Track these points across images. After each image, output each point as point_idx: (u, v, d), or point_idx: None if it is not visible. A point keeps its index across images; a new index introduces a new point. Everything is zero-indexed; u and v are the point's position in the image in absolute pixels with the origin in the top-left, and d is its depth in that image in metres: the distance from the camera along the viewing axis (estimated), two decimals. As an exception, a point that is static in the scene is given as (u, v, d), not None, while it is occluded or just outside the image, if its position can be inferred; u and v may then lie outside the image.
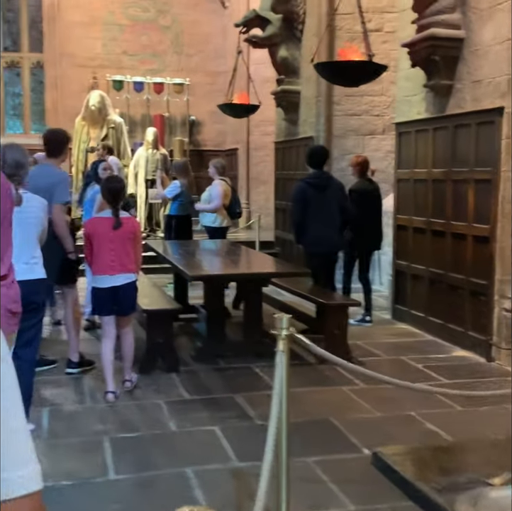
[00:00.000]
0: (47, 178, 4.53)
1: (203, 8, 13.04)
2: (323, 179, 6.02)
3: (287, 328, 2.52)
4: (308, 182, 5.98)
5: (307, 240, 5.92)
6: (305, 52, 8.99)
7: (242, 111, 9.15)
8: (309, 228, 5.79)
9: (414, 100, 6.31)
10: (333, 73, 5.47)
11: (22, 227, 3.38)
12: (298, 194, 5.90)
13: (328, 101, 8.53)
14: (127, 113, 12.30)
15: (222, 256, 6.31)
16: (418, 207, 6.27)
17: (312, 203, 5.80)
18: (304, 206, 5.81)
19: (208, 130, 13.41)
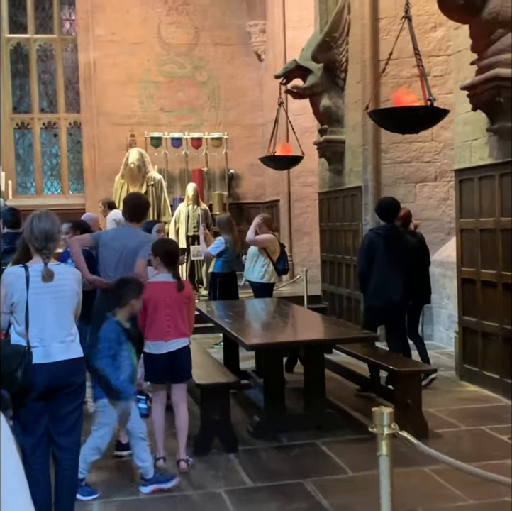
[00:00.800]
0: (136, 238, 4.62)
1: (239, 62, 12.96)
2: (393, 232, 5.80)
3: (389, 426, 2.08)
4: (377, 232, 5.87)
5: (368, 292, 5.81)
6: (349, 100, 8.72)
7: (285, 163, 8.85)
8: (372, 279, 5.69)
9: (475, 145, 5.91)
10: (391, 120, 5.11)
11: (55, 303, 3.15)
12: (366, 243, 5.82)
13: (376, 150, 8.19)
14: (165, 169, 12.14)
15: (275, 318, 5.89)
16: (486, 259, 5.80)
17: (378, 254, 5.68)
18: (370, 256, 5.70)
19: (247, 183, 13.17)
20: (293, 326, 5.49)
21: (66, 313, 3.21)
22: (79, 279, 3.33)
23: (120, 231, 5.00)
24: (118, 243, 4.61)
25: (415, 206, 8.15)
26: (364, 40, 8.18)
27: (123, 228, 5.05)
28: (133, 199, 5.03)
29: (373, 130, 8.13)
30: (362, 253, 5.83)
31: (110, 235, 4.82)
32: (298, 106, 11.45)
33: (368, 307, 5.90)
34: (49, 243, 3.15)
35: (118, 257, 4.59)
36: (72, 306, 3.25)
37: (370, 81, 8.13)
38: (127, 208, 4.95)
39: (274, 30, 12.08)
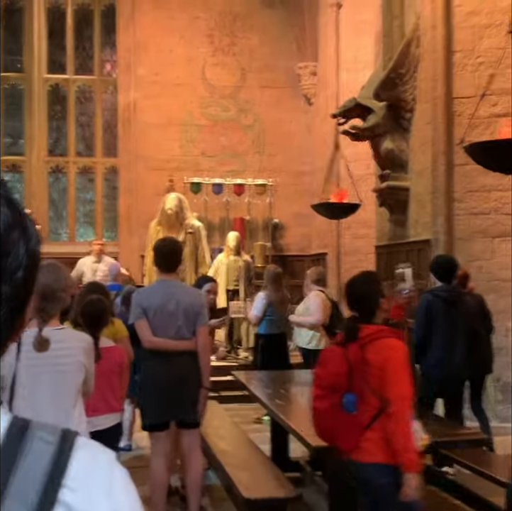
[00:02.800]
0: (190, 297, 4.08)
1: (287, 105, 12.16)
2: (454, 294, 5.19)
3: None
4: (436, 294, 5.20)
5: (427, 362, 5.17)
6: (416, 143, 7.74)
7: (341, 212, 7.91)
8: (431, 347, 5.12)
9: None
10: (493, 156, 4.09)
11: (52, 379, 2.65)
12: (424, 307, 5.18)
13: (448, 198, 7.14)
14: (205, 217, 11.25)
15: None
16: None
17: (438, 319, 5.10)
18: (429, 322, 5.11)
19: (291, 234, 12.20)
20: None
21: (66, 392, 2.68)
22: (87, 349, 2.82)
23: (166, 287, 4.10)
24: (174, 300, 4.00)
25: (492, 264, 7.05)
26: (436, 75, 7.24)
27: (170, 284, 4.14)
28: (170, 245, 4.10)
29: (444, 176, 7.12)
30: (419, 319, 5.20)
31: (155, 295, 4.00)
32: (351, 151, 10.58)
33: (427, 379, 5.22)
34: (48, 302, 2.59)
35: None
36: (76, 383, 2.73)
37: (442, 121, 7.16)
38: (163, 256, 4.03)
39: (326, 71, 11.29)
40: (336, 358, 2.87)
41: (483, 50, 7.09)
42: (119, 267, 6.45)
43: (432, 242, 7.25)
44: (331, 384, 2.89)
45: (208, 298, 4.91)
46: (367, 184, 9.53)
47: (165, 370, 3.96)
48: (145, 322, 3.97)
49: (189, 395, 3.98)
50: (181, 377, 3.97)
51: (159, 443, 3.97)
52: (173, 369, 3.96)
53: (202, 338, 4.04)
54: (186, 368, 4.01)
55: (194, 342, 4.02)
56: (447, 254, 6.35)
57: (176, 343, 3.98)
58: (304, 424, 3.73)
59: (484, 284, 7.03)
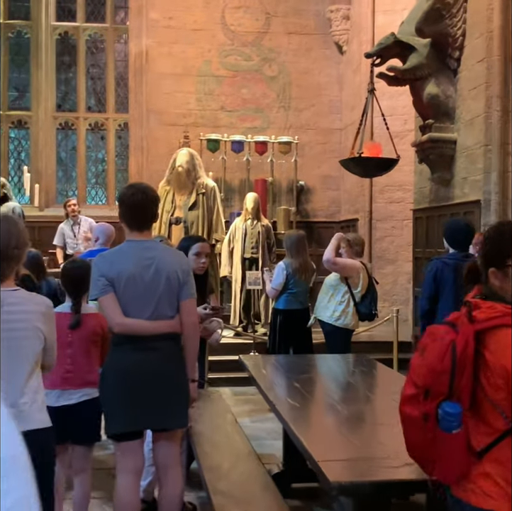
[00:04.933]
0: (173, 262, 3.09)
1: (316, 54, 10.93)
2: (463, 262, 4.34)
3: None
4: (445, 261, 4.72)
5: None
6: (465, 86, 6.54)
7: (376, 168, 6.77)
8: (438, 318, 4.51)
9: None
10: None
11: (3, 345, 2.32)
12: (431, 275, 4.72)
13: (503, 152, 5.98)
14: (223, 178, 10.19)
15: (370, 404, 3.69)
16: None
17: (446, 288, 4.63)
18: (436, 291, 4.67)
19: (318, 198, 11.07)
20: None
21: (20, 361, 2.44)
22: (46, 314, 2.56)
23: (139, 250, 3.07)
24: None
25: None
26: (491, 4, 6.02)
27: (140, 244, 3.10)
28: (139, 192, 3.05)
29: (500, 125, 5.95)
30: (425, 287, 4.78)
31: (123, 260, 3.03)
32: (385, 106, 9.40)
33: None
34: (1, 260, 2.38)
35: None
36: (32, 351, 2.49)
37: (498, 58, 5.96)
38: (132, 206, 3.01)
39: (361, 15, 10.03)
40: (439, 345, 1.78)
41: (552, -31, 5.85)
42: (111, 227, 5.45)
43: (482, 204, 6.12)
44: (426, 383, 1.79)
45: (199, 263, 3.89)
46: (404, 142, 8.37)
47: (140, 361, 2.97)
48: (112, 297, 2.98)
49: (173, 394, 3.00)
50: (161, 371, 2.99)
51: (128, 456, 3.00)
52: (151, 360, 2.97)
53: (188, 316, 3.05)
54: (169, 358, 3.03)
55: (179, 322, 3.02)
56: (461, 218, 5.74)
57: (156, 325, 2.99)
58: (324, 441, 2.70)
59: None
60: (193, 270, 3.88)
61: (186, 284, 3.02)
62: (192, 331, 3.04)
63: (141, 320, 2.97)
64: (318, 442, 2.60)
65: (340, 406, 3.13)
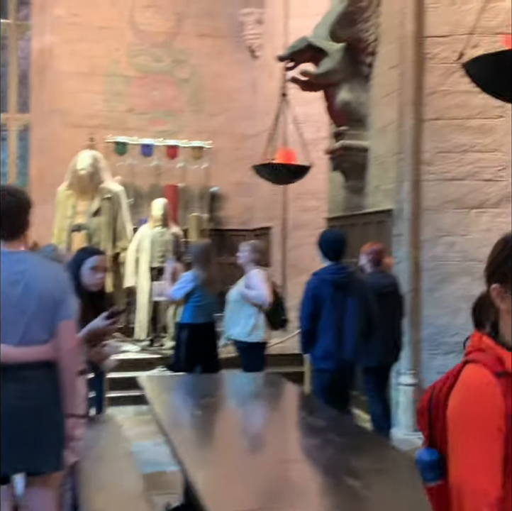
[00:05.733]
0: (47, 277, 2.67)
1: (229, 58, 10.67)
2: (343, 275, 4.57)
3: None
4: (322, 277, 4.54)
5: (316, 353, 4.57)
6: (378, 92, 6.41)
7: (288, 175, 6.53)
8: (320, 336, 4.50)
9: None
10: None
11: None
12: (310, 292, 4.53)
13: (416, 160, 5.85)
14: (131, 183, 9.72)
15: (280, 430, 3.37)
16: None
17: (325, 305, 4.48)
18: (316, 308, 4.49)
19: (232, 205, 10.79)
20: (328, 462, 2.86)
21: None
22: None
23: (7, 262, 2.64)
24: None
25: (467, 241, 5.82)
26: (404, 9, 5.89)
27: (8, 256, 2.65)
28: (8, 195, 2.66)
29: (412, 133, 5.83)
30: (305, 305, 4.55)
31: None
32: (299, 112, 9.24)
33: (320, 372, 4.62)
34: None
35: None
36: None
37: (411, 65, 5.84)
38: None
39: (274, 19, 9.84)
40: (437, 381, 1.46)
41: (463, -23, 5.77)
42: None
43: (394, 213, 5.98)
44: (418, 423, 1.47)
45: (94, 279, 3.48)
46: (318, 149, 8.19)
47: (6, 394, 2.54)
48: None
49: (45, 432, 2.59)
50: (31, 405, 2.57)
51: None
52: (19, 393, 2.55)
53: (63, 340, 2.63)
54: (41, 390, 2.61)
55: (52, 348, 2.62)
56: (332, 230, 5.77)
57: (24, 352, 2.57)
58: (220, 485, 2.35)
59: (456, 265, 5.81)
60: (88, 286, 3.49)
61: (62, 304, 2.62)
62: (68, 358, 2.64)
63: (6, 346, 2.54)
64: (212, 486, 2.26)
65: (243, 439, 2.80)
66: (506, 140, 5.77)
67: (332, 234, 4.98)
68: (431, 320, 5.80)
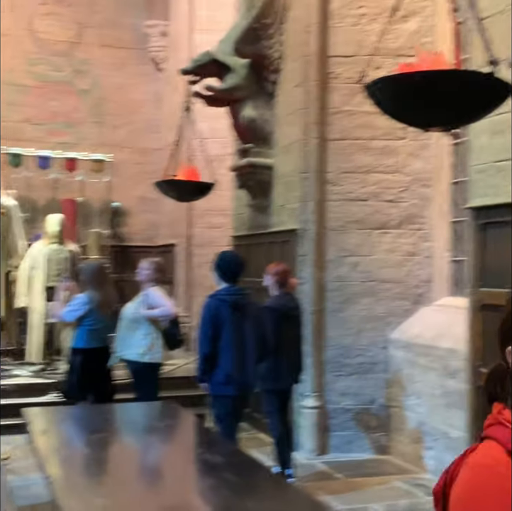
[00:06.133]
0: None
1: (133, 69, 10.38)
2: (240, 297, 4.50)
3: None
4: (221, 299, 4.44)
5: (216, 378, 4.39)
6: (282, 111, 6.34)
7: (191, 192, 6.34)
8: (221, 360, 4.38)
9: (503, 174, 3.62)
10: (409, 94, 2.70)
11: None
12: (209, 314, 4.38)
13: (320, 180, 5.80)
14: (27, 197, 9.21)
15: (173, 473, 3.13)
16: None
17: (225, 327, 4.37)
18: (216, 330, 4.35)
19: (135, 221, 10.46)
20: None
21: None
22: None
23: None
24: None
25: (370, 261, 5.82)
26: (308, 27, 5.86)
27: None
28: None
29: (316, 153, 5.78)
30: (204, 328, 4.40)
31: None
32: (206, 127, 9.10)
33: (221, 398, 4.44)
34: None
35: None
36: None
37: (315, 84, 5.80)
38: None
39: (179, 32, 9.65)
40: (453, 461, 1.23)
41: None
42: None
43: (299, 233, 5.90)
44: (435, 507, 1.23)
45: None
46: (224, 166, 8.06)
47: None
48: None
49: None
50: None
51: None
52: None
53: None
54: None
55: None
56: (230, 251, 5.71)
57: None
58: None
59: (359, 285, 5.80)
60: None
61: None
62: None
63: None
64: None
65: (133, 481, 2.56)
66: (408, 162, 5.83)
67: (229, 255, 4.87)
68: (335, 341, 5.74)
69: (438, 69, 2.67)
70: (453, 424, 4.82)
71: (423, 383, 5.29)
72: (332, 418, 5.74)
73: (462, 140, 5.31)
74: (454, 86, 2.60)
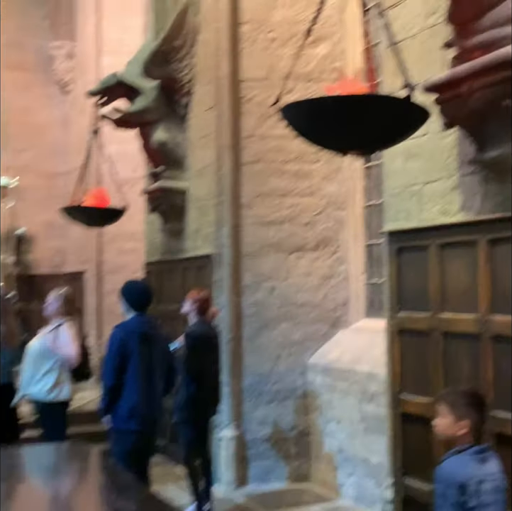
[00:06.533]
0: None
1: (38, 92, 10.02)
2: (148, 327, 4.31)
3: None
4: (129, 329, 4.24)
5: (121, 413, 4.15)
6: (195, 134, 6.23)
7: (99, 217, 6.10)
8: (124, 394, 4.16)
9: (416, 198, 3.63)
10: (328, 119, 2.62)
11: None
12: (116, 344, 4.19)
13: (234, 204, 5.70)
14: None
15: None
16: (452, 380, 3.42)
17: (132, 358, 4.18)
18: (121, 362, 4.15)
19: (42, 248, 10.03)
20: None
21: None
22: None
23: None
24: None
25: (286, 285, 5.75)
26: (219, 50, 5.79)
27: None
28: None
29: (230, 177, 5.68)
30: (111, 359, 4.21)
31: None
32: (116, 150, 8.87)
33: (126, 434, 4.18)
34: None
35: None
36: None
37: (228, 107, 5.72)
38: None
39: (86, 54, 9.39)
40: None
41: (277, 22, 5.81)
42: None
43: (214, 258, 5.76)
44: None
45: None
46: (136, 189, 7.86)
47: None
48: None
49: None
50: None
51: None
52: None
53: None
54: None
55: None
56: (137, 280, 5.60)
57: None
58: None
59: (276, 310, 5.72)
60: None
61: None
62: None
63: None
64: None
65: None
66: (322, 185, 5.83)
67: (137, 284, 4.69)
68: (252, 368, 5.62)
69: (353, 93, 2.62)
70: (373, 450, 4.78)
71: (341, 408, 5.23)
72: (251, 448, 5.59)
73: (375, 163, 5.36)
74: (370, 111, 2.55)
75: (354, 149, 2.83)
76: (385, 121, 2.58)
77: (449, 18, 3.09)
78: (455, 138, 3.35)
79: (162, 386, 4.36)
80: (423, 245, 3.57)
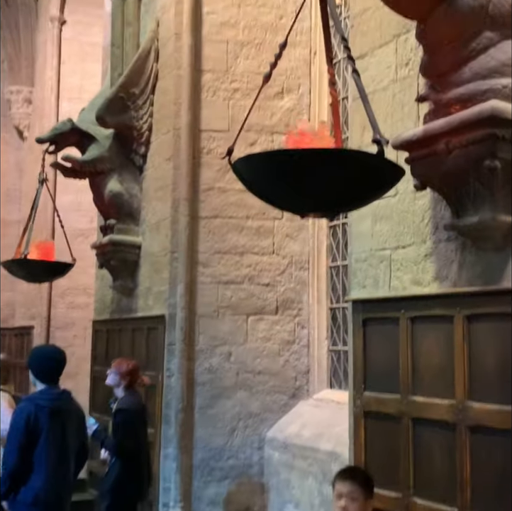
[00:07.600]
0: None
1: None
2: (61, 400, 3.84)
3: None
4: (38, 403, 3.76)
5: (22, 497, 3.68)
6: (151, 185, 5.86)
7: (44, 272, 5.66)
8: (32, 476, 3.69)
9: (385, 264, 3.28)
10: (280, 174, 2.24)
11: None
12: (23, 421, 3.69)
13: (190, 260, 5.30)
14: None
15: None
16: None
17: (42, 436, 3.71)
18: (29, 441, 3.68)
19: (-10, 300, 9.49)
20: None
21: None
22: None
23: None
24: None
25: (244, 351, 5.32)
26: (179, 99, 5.47)
27: None
28: None
29: (187, 232, 5.30)
30: (15, 437, 3.70)
31: None
32: (70, 200, 8.53)
33: None
34: None
35: None
36: None
37: (186, 159, 5.37)
38: None
39: (44, 100, 9.10)
40: None
41: (240, 73, 5.54)
42: None
43: (167, 319, 5.32)
44: None
45: None
46: (90, 241, 7.45)
47: None
48: None
49: None
50: None
51: None
52: None
53: None
54: None
55: None
56: (48, 345, 5.29)
57: None
58: None
59: (232, 377, 5.27)
60: None
61: None
62: None
63: None
64: None
65: None
66: (285, 243, 5.48)
67: (46, 351, 4.19)
68: (204, 442, 5.14)
69: (315, 148, 2.25)
70: (335, 539, 4.29)
71: (300, 490, 4.75)
72: (200, 531, 5.07)
73: (341, 222, 5.04)
74: (335, 167, 2.19)
75: (314, 211, 2.46)
76: (352, 179, 2.22)
77: (423, 69, 2.79)
78: (429, 200, 3.02)
79: (75, 469, 3.90)
80: (393, 317, 3.20)
